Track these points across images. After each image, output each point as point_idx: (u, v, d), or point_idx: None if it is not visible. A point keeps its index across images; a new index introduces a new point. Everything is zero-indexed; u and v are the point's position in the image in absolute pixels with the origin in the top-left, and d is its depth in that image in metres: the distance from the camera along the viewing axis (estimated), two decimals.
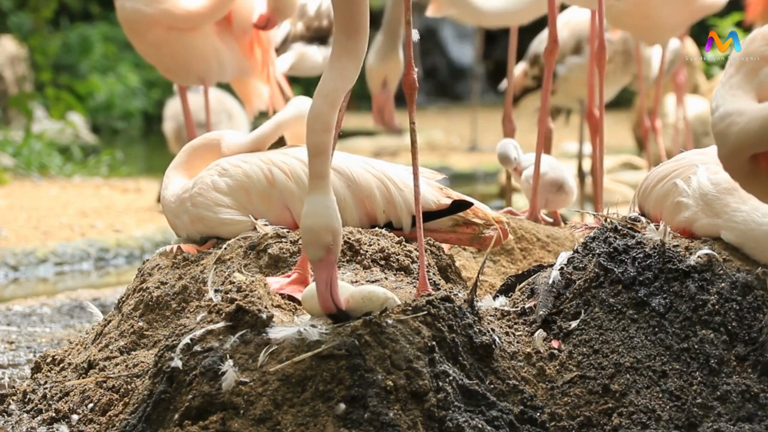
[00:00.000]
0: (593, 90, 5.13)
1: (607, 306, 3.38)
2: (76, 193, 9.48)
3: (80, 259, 7.14)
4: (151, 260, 3.90)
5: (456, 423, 3.06)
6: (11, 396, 3.79)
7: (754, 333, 3.31)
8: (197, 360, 3.14)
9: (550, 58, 4.81)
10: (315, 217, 3.12)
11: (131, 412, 3.27)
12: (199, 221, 3.86)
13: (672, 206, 3.57)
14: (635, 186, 4.28)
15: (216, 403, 3.08)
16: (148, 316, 3.74)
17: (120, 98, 15.90)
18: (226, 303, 3.22)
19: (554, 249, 4.45)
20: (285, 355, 3.09)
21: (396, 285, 3.52)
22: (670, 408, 3.23)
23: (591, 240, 3.54)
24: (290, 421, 3.03)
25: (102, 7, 17.51)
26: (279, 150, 3.93)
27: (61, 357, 3.87)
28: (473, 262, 4.36)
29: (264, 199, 3.82)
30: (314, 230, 3.12)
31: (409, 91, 3.42)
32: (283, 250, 3.67)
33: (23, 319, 5.61)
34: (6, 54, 13.30)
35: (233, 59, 5.87)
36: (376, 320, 3.10)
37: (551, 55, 4.80)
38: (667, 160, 3.74)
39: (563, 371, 3.31)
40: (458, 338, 3.19)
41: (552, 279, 3.49)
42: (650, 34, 6.10)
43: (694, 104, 9.73)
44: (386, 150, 12.70)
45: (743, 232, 3.42)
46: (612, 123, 12.71)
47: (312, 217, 3.12)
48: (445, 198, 3.87)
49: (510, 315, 3.48)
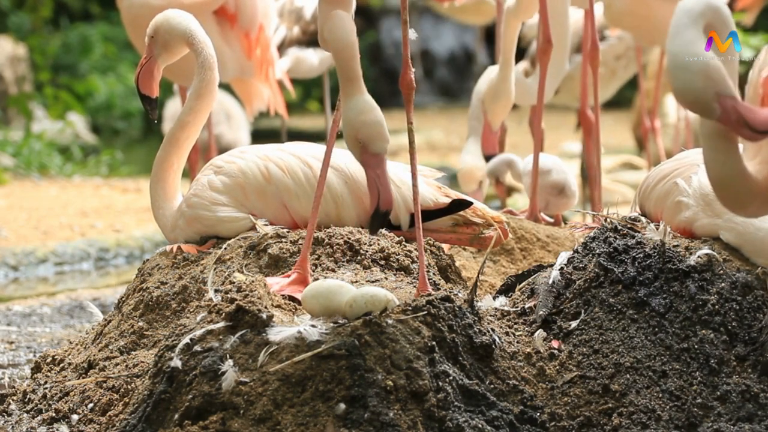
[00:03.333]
0: (586, 91, 5.11)
1: (607, 306, 3.38)
2: (76, 193, 9.47)
3: (80, 259, 7.13)
4: (151, 260, 3.89)
5: (456, 423, 3.06)
6: (11, 396, 3.79)
7: (754, 333, 3.30)
8: (197, 360, 3.13)
9: (544, 58, 4.79)
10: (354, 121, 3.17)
11: (131, 412, 3.27)
12: (196, 221, 3.85)
13: (672, 206, 3.57)
14: (635, 186, 4.28)
15: (216, 403, 3.08)
16: (148, 316, 3.74)
17: (120, 98, 15.89)
18: (226, 303, 3.22)
19: (554, 249, 4.45)
20: (285, 355, 3.09)
21: (396, 285, 3.52)
22: (670, 408, 3.23)
23: (591, 240, 3.54)
24: (290, 421, 3.03)
25: (102, 7, 17.50)
26: (276, 146, 3.92)
27: (61, 357, 3.87)
28: (473, 262, 4.36)
29: (260, 195, 3.81)
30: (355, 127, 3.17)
31: (406, 91, 3.41)
32: (283, 250, 3.67)
33: (23, 319, 5.61)
34: (6, 54, 13.30)
35: (234, 59, 5.87)
36: (376, 320, 3.10)
37: (545, 55, 4.78)
38: (668, 160, 3.74)
39: (563, 371, 3.31)
40: (458, 338, 3.18)
41: (552, 279, 3.49)
42: (649, 35, 6.11)
43: None
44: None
45: (742, 234, 3.42)
46: (612, 123, 12.72)
47: (351, 123, 3.17)
48: (444, 197, 3.86)
49: (510, 315, 3.48)
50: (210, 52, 3.92)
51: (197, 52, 3.92)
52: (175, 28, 3.92)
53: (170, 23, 3.93)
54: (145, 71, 3.96)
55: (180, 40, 3.93)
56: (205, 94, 3.93)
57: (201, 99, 3.93)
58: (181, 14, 3.95)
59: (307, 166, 3.81)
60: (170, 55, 3.97)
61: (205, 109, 3.94)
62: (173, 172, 3.95)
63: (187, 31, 3.93)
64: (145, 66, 3.96)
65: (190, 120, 3.93)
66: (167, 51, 3.95)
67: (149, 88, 3.97)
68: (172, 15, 3.95)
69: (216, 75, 3.94)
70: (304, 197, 3.78)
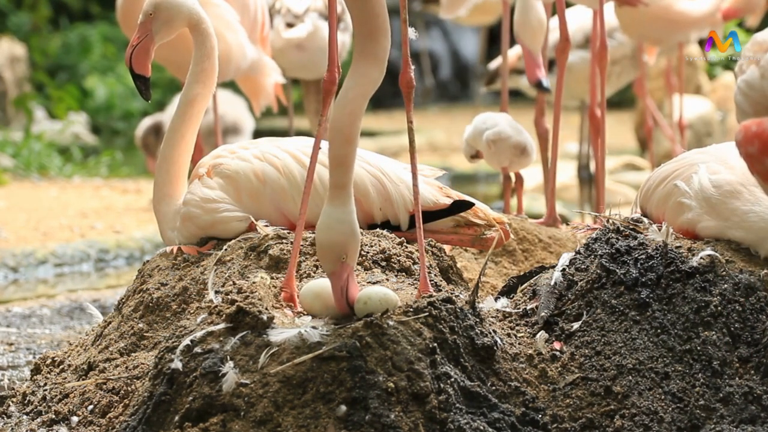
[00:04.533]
0: (595, 90, 5.12)
1: (610, 307, 3.37)
2: (76, 194, 9.46)
3: (80, 260, 7.12)
4: (151, 261, 3.88)
5: (457, 425, 3.05)
6: (11, 398, 3.78)
7: (757, 334, 3.30)
8: (198, 362, 3.13)
9: (562, 57, 4.83)
10: (328, 232, 3.09)
11: (131, 413, 3.26)
12: (188, 220, 3.82)
13: (674, 207, 3.56)
14: (637, 187, 4.28)
15: (216, 405, 3.07)
16: (148, 318, 3.73)
17: (120, 99, 15.88)
18: (226, 304, 3.21)
19: (556, 250, 4.45)
20: (286, 357, 3.08)
21: (397, 286, 3.51)
22: (673, 410, 3.22)
23: (593, 241, 3.53)
24: (291, 423, 3.02)
25: (102, 7, 17.50)
26: (272, 142, 3.88)
27: (61, 358, 3.86)
28: (475, 264, 4.35)
29: (254, 196, 3.78)
30: (326, 245, 3.09)
31: (406, 90, 3.39)
32: (284, 251, 3.65)
33: (23, 320, 5.61)
34: (5, 54, 13.30)
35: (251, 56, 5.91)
36: (377, 321, 3.09)
37: (563, 53, 4.82)
38: (669, 161, 3.73)
39: (565, 373, 3.30)
40: (460, 340, 3.18)
41: (554, 280, 3.49)
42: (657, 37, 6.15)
43: (697, 105, 9.71)
44: (388, 150, 12.69)
45: (756, 231, 3.42)
46: (614, 123, 12.70)
47: (325, 231, 3.09)
48: (445, 197, 3.85)
49: (512, 316, 3.47)
50: (213, 39, 3.86)
51: (200, 35, 3.85)
52: (181, 5, 3.82)
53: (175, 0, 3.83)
54: (140, 50, 3.84)
55: (183, 20, 3.84)
56: (204, 81, 3.86)
57: (199, 86, 3.86)
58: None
59: (303, 166, 3.77)
60: (168, 34, 3.86)
61: (204, 98, 3.86)
62: (178, 168, 3.89)
63: (193, 11, 3.84)
64: (140, 44, 3.83)
65: (189, 110, 3.85)
66: (167, 29, 3.85)
67: (144, 68, 3.86)
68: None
69: (216, 63, 3.88)
70: (300, 198, 3.75)
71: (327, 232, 3.08)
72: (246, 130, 9.31)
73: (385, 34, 3.07)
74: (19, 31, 15.80)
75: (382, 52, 3.07)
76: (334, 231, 3.08)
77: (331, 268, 3.13)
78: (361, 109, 3.07)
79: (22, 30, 16.03)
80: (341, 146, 3.06)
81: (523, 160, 4.87)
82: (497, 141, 4.82)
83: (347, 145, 3.06)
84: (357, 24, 3.08)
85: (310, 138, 3.85)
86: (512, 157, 4.84)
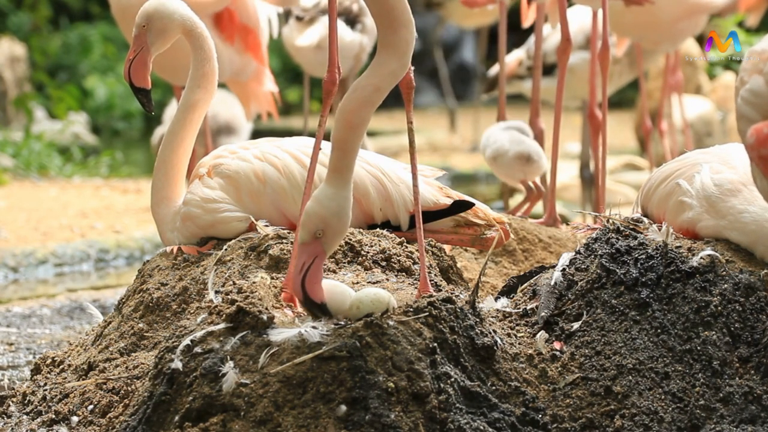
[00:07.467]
0: (595, 90, 5.12)
1: (610, 307, 3.37)
2: (76, 194, 9.46)
3: (80, 260, 7.12)
4: (152, 261, 3.88)
5: (458, 425, 3.05)
6: (11, 398, 3.78)
7: (757, 334, 3.30)
8: (198, 361, 3.13)
9: (563, 57, 4.82)
10: (314, 201, 3.09)
11: (131, 413, 3.26)
12: (189, 220, 3.82)
13: (675, 206, 3.56)
14: (637, 187, 4.28)
15: (216, 405, 3.07)
16: (148, 318, 3.73)
17: (120, 98, 15.88)
18: (226, 304, 3.21)
19: (556, 250, 4.45)
20: (286, 357, 3.08)
21: (397, 286, 3.51)
22: (673, 410, 3.22)
23: (593, 241, 3.53)
24: (291, 422, 3.02)
25: (102, 7, 17.50)
26: (272, 142, 3.88)
27: (61, 358, 3.86)
28: (475, 263, 4.35)
29: (254, 196, 3.78)
30: (308, 213, 3.09)
31: (406, 90, 3.39)
32: (284, 251, 3.65)
33: (23, 320, 5.60)
34: (5, 54, 13.30)
35: (232, 59, 5.86)
36: (377, 321, 3.09)
37: (564, 54, 4.82)
38: (670, 161, 3.73)
39: (565, 373, 3.30)
40: (460, 340, 3.18)
41: (554, 280, 3.48)
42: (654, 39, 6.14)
43: (697, 105, 9.71)
44: (388, 150, 12.67)
45: (754, 232, 3.41)
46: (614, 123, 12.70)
47: (312, 201, 3.10)
48: (445, 197, 3.85)
49: (512, 316, 3.47)
50: (210, 42, 3.86)
51: (196, 39, 3.84)
52: (173, 13, 3.82)
53: (166, 9, 3.82)
54: (138, 63, 3.84)
55: (177, 27, 3.83)
56: (205, 85, 3.86)
57: (201, 91, 3.86)
58: (171, 1, 3.85)
59: (304, 166, 3.77)
60: (164, 44, 3.86)
61: (205, 103, 3.87)
62: (177, 171, 3.89)
63: (186, 18, 3.84)
64: (137, 57, 3.83)
65: (189, 115, 3.85)
66: (162, 39, 3.85)
67: (144, 80, 3.86)
68: (162, 1, 3.84)
69: (215, 66, 3.88)
70: (300, 198, 3.76)
71: (313, 201, 3.09)
72: (241, 129, 9.26)
73: (406, 24, 3.05)
74: (19, 31, 15.80)
75: (402, 43, 3.05)
76: (319, 203, 3.08)
77: (303, 238, 3.11)
78: (371, 98, 3.05)
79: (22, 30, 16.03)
80: (343, 130, 3.06)
81: (533, 167, 4.82)
82: (497, 158, 4.82)
83: (349, 130, 3.06)
84: (375, 15, 3.07)
85: (311, 138, 3.84)
86: (520, 168, 4.80)
